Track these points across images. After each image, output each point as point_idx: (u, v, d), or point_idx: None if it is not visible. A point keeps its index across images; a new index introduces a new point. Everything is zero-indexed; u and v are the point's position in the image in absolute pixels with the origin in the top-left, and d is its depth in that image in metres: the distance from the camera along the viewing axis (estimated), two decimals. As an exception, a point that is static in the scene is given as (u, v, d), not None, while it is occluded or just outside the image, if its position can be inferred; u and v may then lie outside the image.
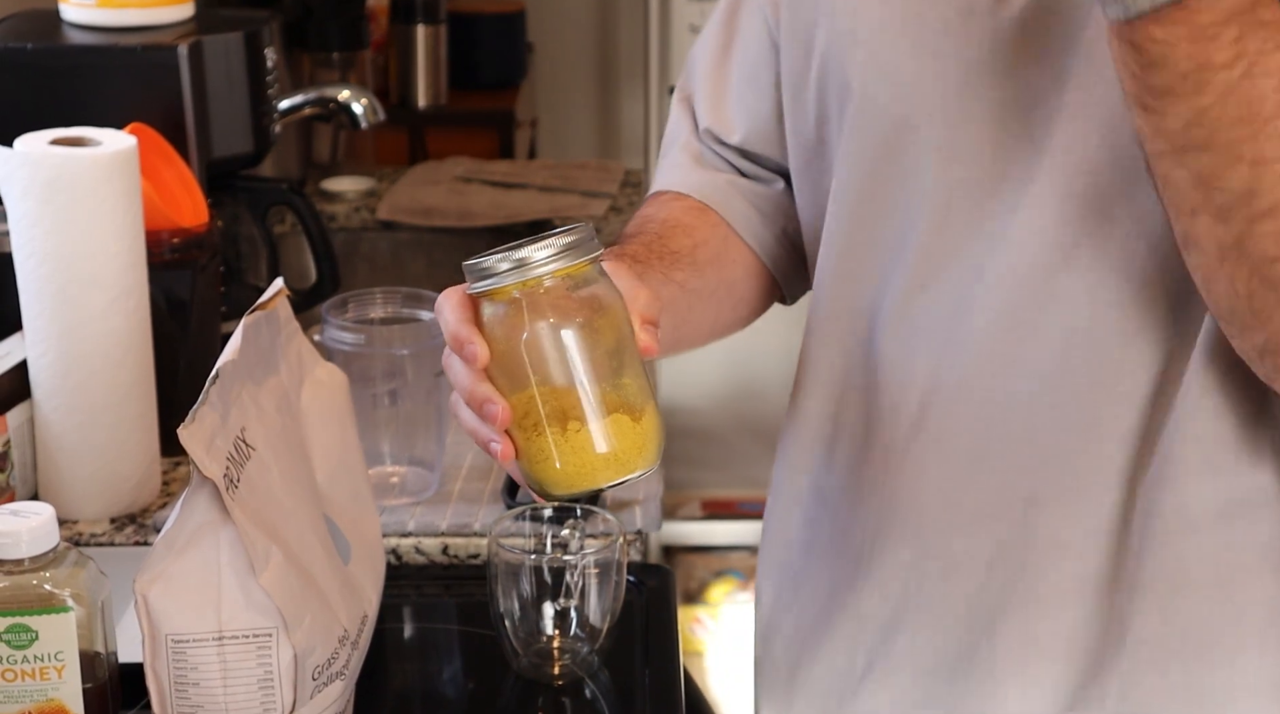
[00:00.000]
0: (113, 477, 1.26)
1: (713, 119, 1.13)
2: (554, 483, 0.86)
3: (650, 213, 1.13)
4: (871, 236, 1.00)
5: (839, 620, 1.06)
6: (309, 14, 2.47)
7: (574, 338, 0.84)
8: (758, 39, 1.09)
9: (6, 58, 1.48)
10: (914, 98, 0.95)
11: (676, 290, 1.04)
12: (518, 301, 0.84)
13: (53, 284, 1.21)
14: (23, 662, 0.94)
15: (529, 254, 0.83)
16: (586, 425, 0.84)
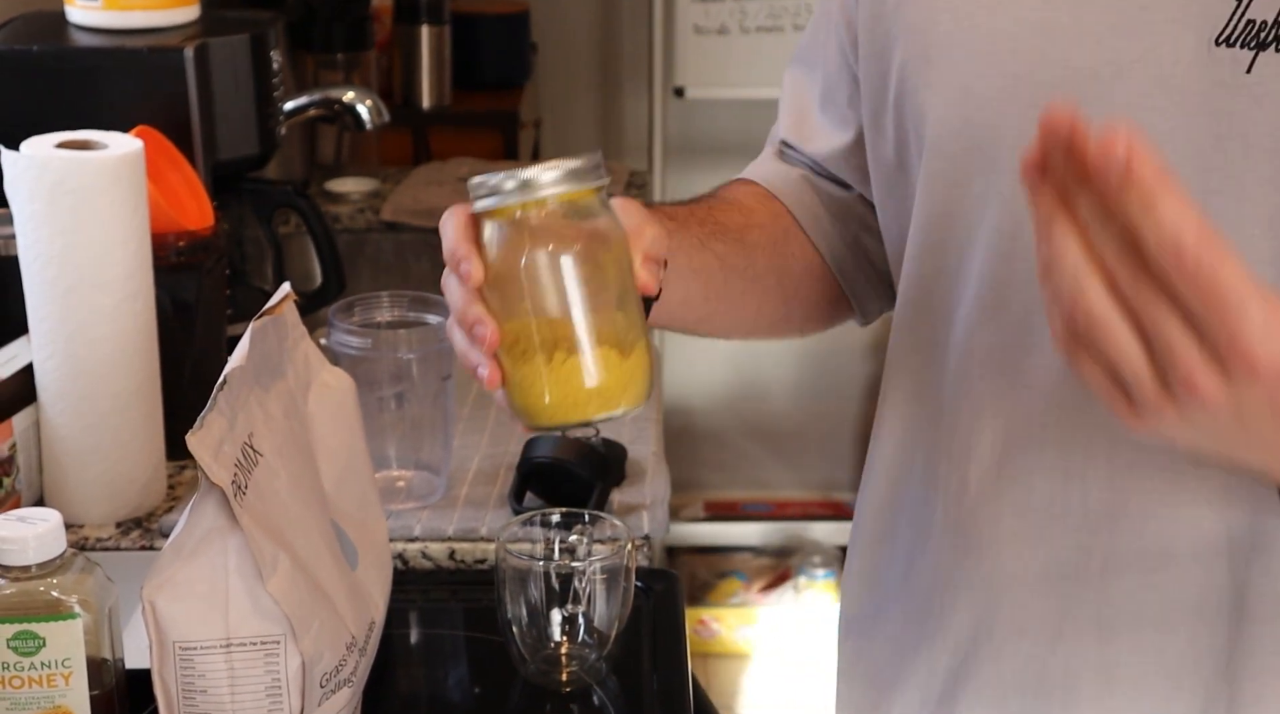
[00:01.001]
0: (118, 480, 1.27)
1: (792, 132, 1.14)
2: (538, 412, 0.86)
3: (719, 192, 1.13)
4: (944, 265, 0.99)
5: (911, 670, 1.05)
6: (313, 15, 2.47)
7: (571, 265, 0.84)
8: (834, 59, 1.09)
9: (12, 60, 1.49)
10: (987, 120, 0.94)
11: (712, 259, 1.04)
12: (518, 223, 0.84)
13: (59, 287, 1.21)
14: (30, 669, 0.94)
15: (534, 176, 0.83)
16: (575, 356, 0.85)
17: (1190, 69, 0.86)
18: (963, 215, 0.97)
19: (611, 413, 0.86)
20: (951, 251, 0.98)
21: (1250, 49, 0.84)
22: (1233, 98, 0.85)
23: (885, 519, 1.11)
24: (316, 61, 2.49)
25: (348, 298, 1.31)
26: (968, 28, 0.95)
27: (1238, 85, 0.84)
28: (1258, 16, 0.83)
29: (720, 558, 3.31)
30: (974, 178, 0.95)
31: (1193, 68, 0.86)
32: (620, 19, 3.28)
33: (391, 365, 1.28)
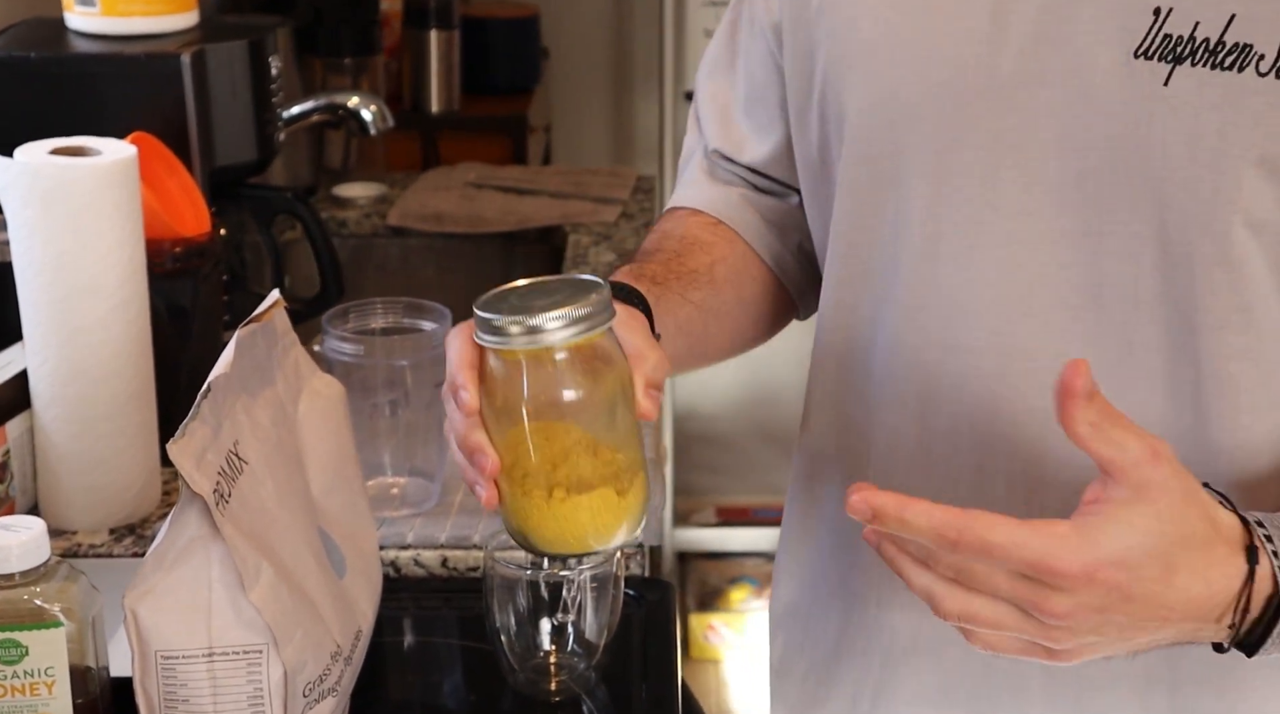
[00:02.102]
0: (112, 487, 1.26)
1: (721, 140, 1.14)
2: (536, 542, 0.87)
3: (668, 229, 1.14)
4: (866, 265, 1.00)
5: (846, 661, 1.07)
6: (320, 19, 2.48)
7: (573, 409, 0.84)
8: (762, 62, 1.09)
9: (10, 66, 1.49)
10: (906, 124, 0.95)
11: (694, 310, 1.05)
12: (522, 364, 0.84)
13: (52, 294, 1.21)
14: (12, 677, 0.94)
15: (540, 323, 0.82)
16: (574, 496, 0.85)
17: (1110, 80, 0.88)
18: (883, 218, 0.98)
19: (606, 547, 0.88)
20: (874, 253, 1.00)
21: (1167, 62, 0.86)
22: (1151, 108, 0.86)
23: (810, 520, 1.12)
24: (324, 66, 2.49)
25: (342, 304, 1.31)
26: (888, 33, 0.96)
27: (1156, 97, 0.86)
28: (1175, 31, 0.85)
29: (731, 563, 3.31)
30: (894, 181, 0.97)
31: (1112, 79, 0.87)
32: (631, 23, 3.29)
33: (385, 372, 1.27)
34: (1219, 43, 0.84)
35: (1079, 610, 0.75)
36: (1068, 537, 0.75)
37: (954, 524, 0.74)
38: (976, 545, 0.74)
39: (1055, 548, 0.74)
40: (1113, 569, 0.74)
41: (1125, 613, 0.76)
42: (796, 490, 1.14)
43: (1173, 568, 0.76)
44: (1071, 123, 0.89)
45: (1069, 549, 0.74)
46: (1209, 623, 0.78)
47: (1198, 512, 0.77)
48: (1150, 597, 0.76)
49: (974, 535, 0.74)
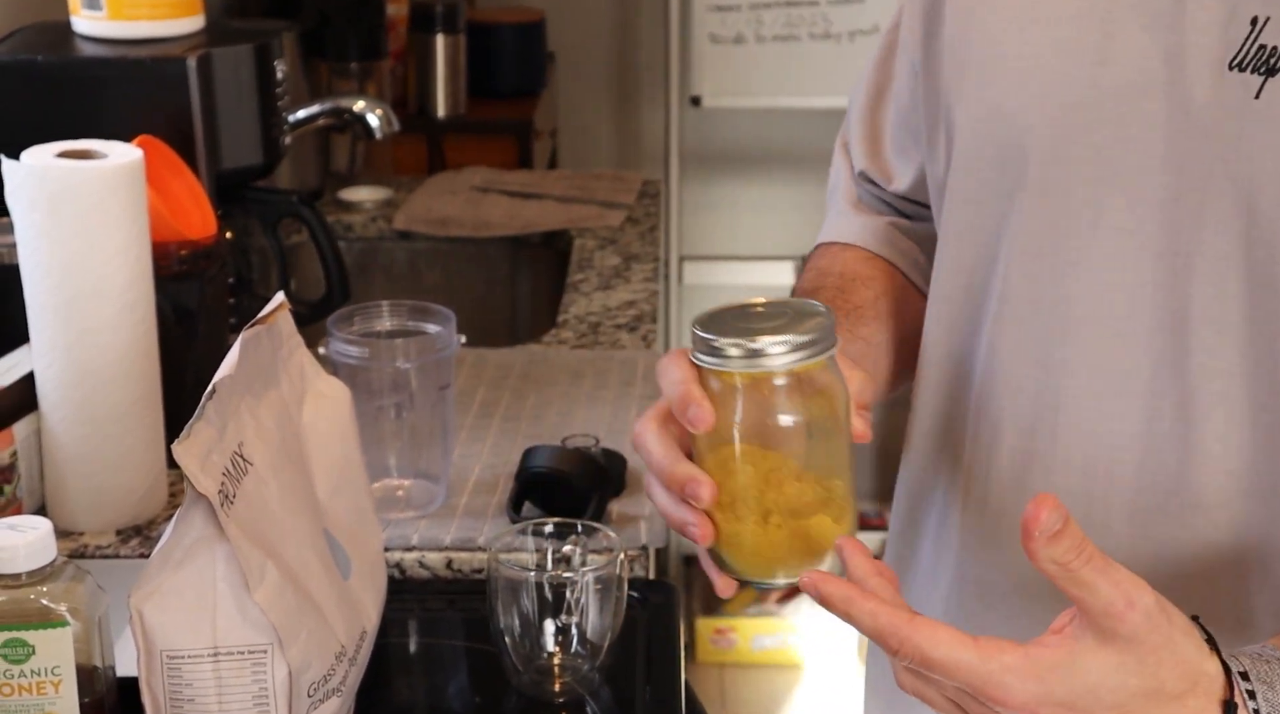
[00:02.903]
0: (119, 489, 1.27)
1: (869, 163, 1.14)
2: (748, 570, 0.85)
3: (824, 266, 1.12)
4: (970, 279, 1.00)
5: None
6: (327, 23, 2.49)
7: (791, 436, 0.83)
8: (909, 86, 1.09)
9: (17, 69, 1.50)
10: (1011, 137, 0.94)
11: (864, 346, 1.04)
12: (742, 388, 0.82)
13: (59, 296, 1.21)
14: (19, 676, 0.94)
15: (764, 346, 0.81)
16: (791, 522, 0.83)
17: (1206, 93, 0.86)
18: (987, 233, 0.97)
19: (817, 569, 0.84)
20: (978, 267, 0.99)
21: (1260, 74, 0.84)
22: (1242, 123, 0.85)
23: (910, 542, 1.11)
24: (330, 70, 2.51)
25: (347, 307, 1.31)
26: (997, 48, 0.96)
27: (1247, 111, 0.85)
28: (1270, 42, 0.84)
29: (737, 568, 3.31)
30: (999, 196, 0.96)
31: (1209, 91, 0.86)
32: (637, 28, 3.30)
33: (390, 375, 1.27)
34: None
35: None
36: (1014, 668, 0.72)
37: (897, 633, 0.73)
38: (917, 658, 0.73)
39: (999, 677, 0.72)
40: (1058, 709, 0.72)
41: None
42: (900, 511, 1.13)
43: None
44: (1172, 137, 0.88)
45: (1014, 680, 0.72)
46: None
47: (1171, 664, 0.74)
48: None
49: (914, 648, 0.73)
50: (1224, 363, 0.88)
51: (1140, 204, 0.89)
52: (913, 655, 0.73)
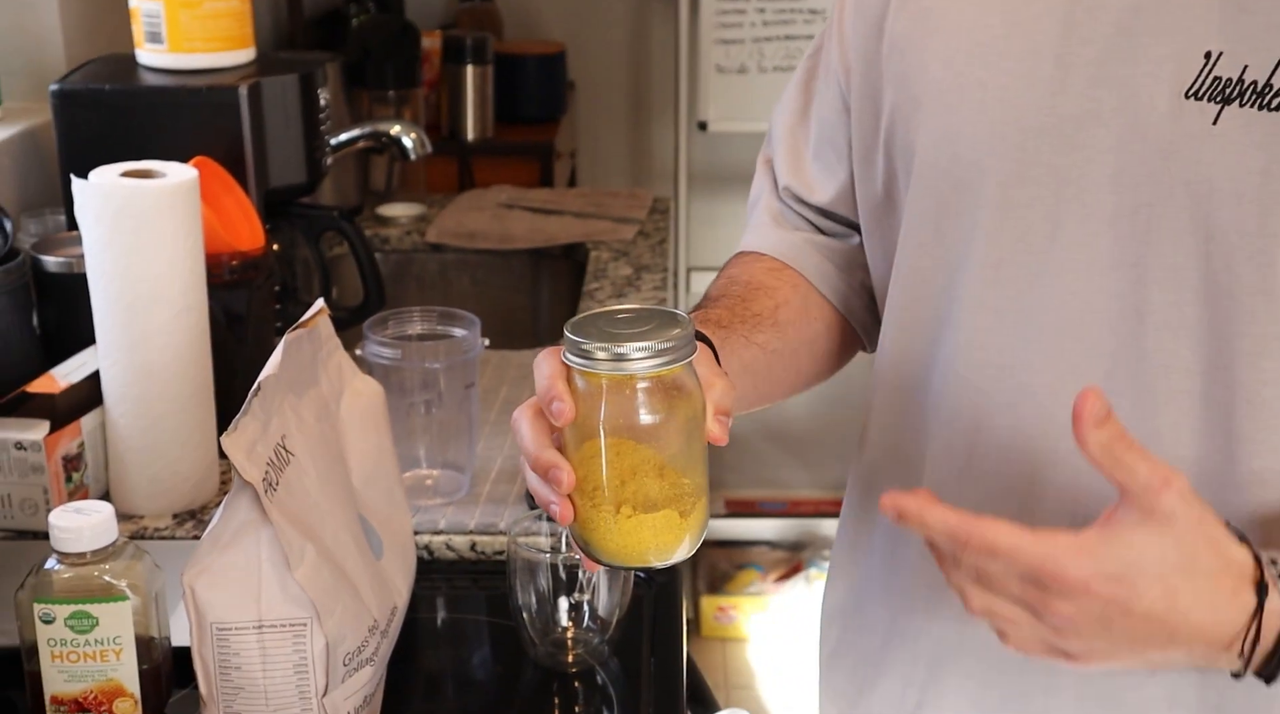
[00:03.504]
0: (175, 477, 1.27)
1: (792, 178, 1.12)
2: (601, 554, 0.85)
3: (734, 274, 1.11)
4: (929, 290, 0.99)
5: (893, 659, 1.05)
6: (368, 55, 2.49)
7: (647, 432, 0.83)
8: (832, 106, 1.08)
9: (87, 97, 1.50)
10: (972, 159, 0.94)
11: (758, 352, 1.03)
12: (605, 387, 0.82)
13: (121, 302, 1.22)
14: (85, 645, 0.95)
15: (627, 351, 0.81)
16: (640, 514, 0.83)
17: (1163, 119, 0.85)
18: (948, 246, 0.96)
19: (665, 563, 0.85)
20: (937, 280, 0.98)
21: (1217, 103, 0.83)
22: (1200, 147, 0.84)
23: (864, 529, 1.10)
24: (370, 97, 2.51)
25: (382, 313, 1.31)
26: (956, 77, 0.94)
27: (1205, 135, 0.84)
28: (1224, 74, 0.83)
29: (739, 551, 3.31)
30: (960, 212, 0.95)
31: (1165, 118, 0.85)
32: (649, 59, 3.29)
33: (421, 374, 1.28)
34: (1266, 85, 0.82)
35: (1080, 616, 0.74)
36: (1067, 547, 0.74)
37: (964, 527, 0.75)
38: (982, 547, 0.74)
39: (1054, 554, 0.73)
40: (1109, 583, 0.73)
41: (1126, 627, 0.75)
42: (853, 500, 1.12)
43: (1174, 591, 0.74)
44: (1127, 160, 0.87)
45: (1067, 557, 0.73)
46: (1219, 649, 0.76)
47: (1206, 542, 0.75)
48: (1151, 615, 0.74)
49: (980, 537, 0.74)
50: (1180, 362, 0.87)
51: (1094, 220, 0.88)
52: (979, 545, 0.74)
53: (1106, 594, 0.73)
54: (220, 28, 1.53)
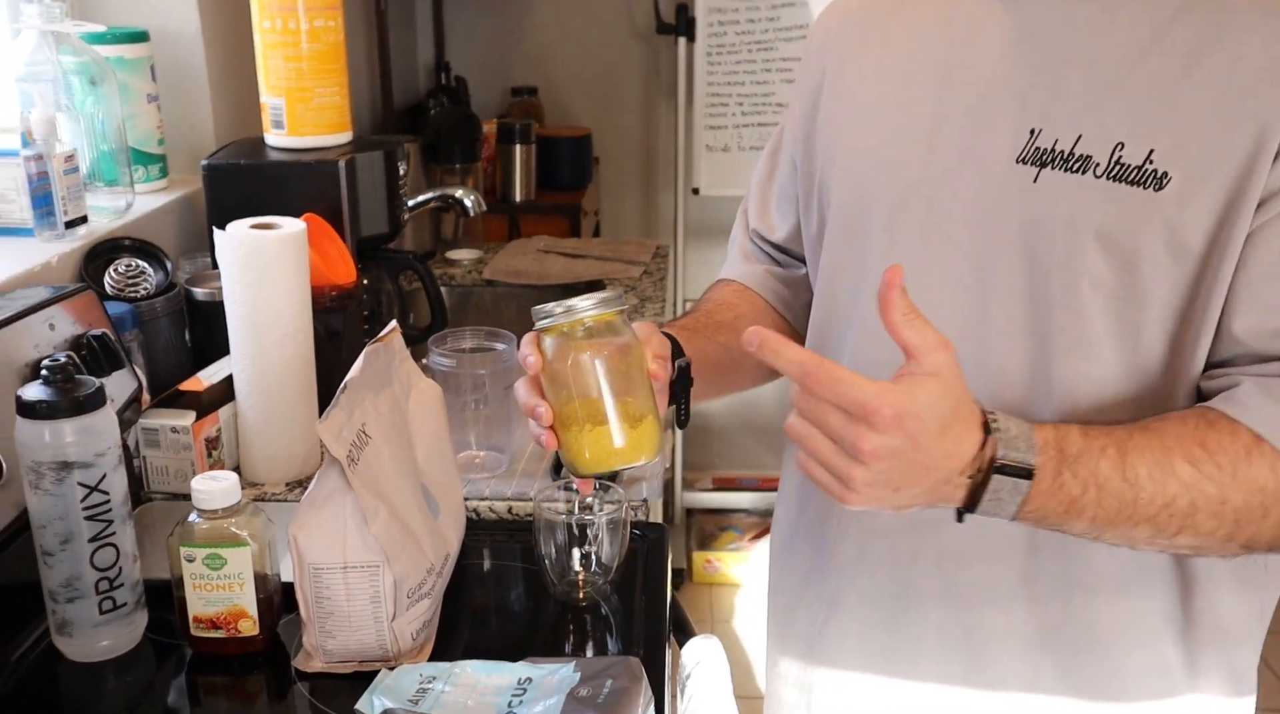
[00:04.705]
0: (287, 454, 1.28)
1: (759, 222, 1.14)
2: (580, 464, 0.87)
3: (710, 295, 1.13)
4: (840, 298, 0.99)
5: (809, 594, 1.06)
6: (440, 137, 2.50)
7: (600, 364, 0.84)
8: (788, 168, 1.09)
9: (227, 169, 1.51)
10: (870, 200, 0.94)
11: (720, 350, 1.04)
12: (565, 336, 0.84)
13: (249, 323, 1.23)
14: (217, 578, 0.96)
15: (574, 304, 0.84)
16: (602, 426, 0.85)
17: (1001, 176, 0.86)
18: (853, 265, 0.97)
19: (631, 465, 0.86)
20: (845, 289, 0.98)
21: (1037, 166, 0.85)
22: (1026, 198, 0.85)
23: (791, 489, 1.11)
24: (441, 168, 2.51)
25: (441, 332, 1.31)
26: (859, 142, 0.96)
27: (1029, 190, 0.85)
28: (1043, 145, 0.84)
29: (723, 516, 3.31)
30: (861, 240, 0.96)
31: (1002, 176, 0.86)
32: (656, 140, 3.29)
33: (471, 379, 1.28)
34: (1070, 153, 0.83)
35: (881, 450, 0.72)
36: (890, 389, 0.72)
37: (812, 361, 0.73)
38: (826, 378, 0.72)
39: (881, 393, 0.72)
40: (913, 420, 0.72)
41: (908, 460, 0.73)
42: (787, 466, 1.13)
43: (945, 429, 0.74)
44: (976, 207, 0.88)
45: (890, 396, 0.72)
46: (955, 475, 0.75)
47: (960, 393, 0.75)
48: (929, 448, 0.73)
49: (825, 371, 0.73)
50: (1012, 361, 0.88)
51: (953, 252, 0.89)
52: (823, 377, 0.72)
53: (909, 429, 0.72)
54: (326, 117, 1.54)
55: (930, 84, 0.91)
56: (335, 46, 1.53)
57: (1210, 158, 0.79)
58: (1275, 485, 0.77)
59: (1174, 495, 0.77)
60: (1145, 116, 0.81)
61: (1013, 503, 0.76)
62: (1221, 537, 0.78)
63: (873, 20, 0.99)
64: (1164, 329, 0.83)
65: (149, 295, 1.35)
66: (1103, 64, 0.83)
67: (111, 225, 1.44)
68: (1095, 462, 0.77)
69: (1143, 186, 0.80)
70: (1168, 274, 0.82)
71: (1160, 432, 0.79)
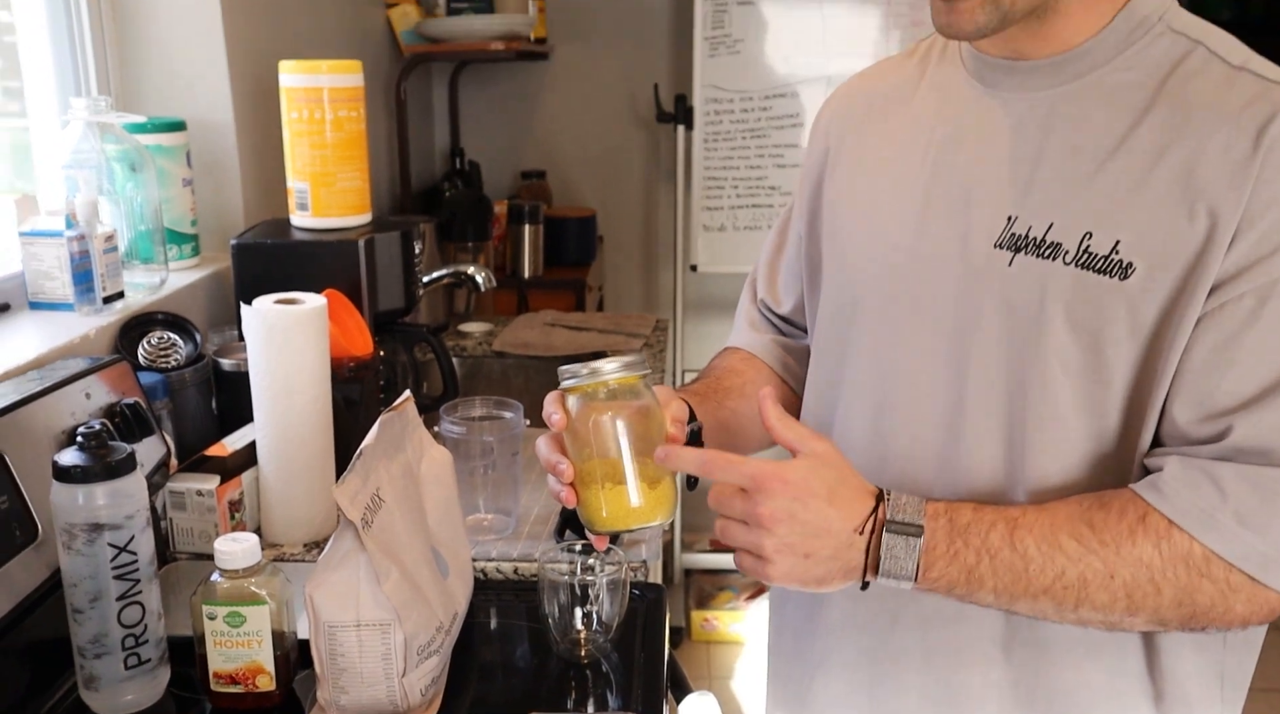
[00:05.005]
0: (306, 517, 1.27)
1: (767, 294, 1.15)
2: (598, 522, 0.86)
3: (717, 362, 1.14)
4: (834, 364, 1.00)
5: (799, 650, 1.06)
6: (455, 217, 2.52)
7: (621, 426, 0.84)
8: (795, 245, 1.11)
9: (255, 248, 1.52)
10: (861, 281, 0.96)
11: (729, 414, 1.05)
12: (589, 396, 0.84)
13: (271, 391, 1.23)
14: (237, 635, 0.95)
15: (599, 366, 0.83)
16: (621, 486, 0.84)
17: (981, 261, 0.88)
18: (845, 337, 0.98)
19: (647, 525, 0.86)
20: (838, 359, 1.00)
21: (1011, 251, 0.86)
22: (1002, 282, 0.87)
23: None
24: (455, 246, 2.53)
25: (452, 401, 1.31)
26: (855, 223, 0.98)
27: (1005, 274, 0.87)
28: (1018, 231, 0.86)
29: (720, 577, 3.28)
30: (852, 317, 0.97)
31: (982, 260, 0.88)
32: (656, 220, 3.31)
33: (480, 445, 1.27)
34: (1042, 241, 0.84)
35: (777, 513, 0.78)
36: (777, 463, 0.79)
37: (709, 454, 0.80)
38: (723, 463, 0.80)
39: (767, 465, 0.78)
40: (798, 485, 0.78)
41: (804, 521, 0.78)
42: None
43: (833, 493, 0.78)
44: (959, 287, 0.89)
45: (775, 467, 0.78)
46: (853, 535, 0.79)
47: (843, 467, 0.81)
48: (820, 511, 0.78)
49: (722, 458, 0.80)
50: (987, 433, 0.89)
51: (936, 329, 0.91)
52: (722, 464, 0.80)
53: (795, 493, 0.77)
54: (347, 200, 1.55)
55: (921, 173, 0.93)
56: (357, 135, 1.55)
57: (1170, 249, 0.80)
58: (1161, 563, 0.78)
59: (1062, 568, 0.79)
60: (1112, 210, 0.82)
61: (909, 561, 0.79)
62: (1122, 610, 0.80)
63: (872, 111, 1.01)
64: (1125, 407, 0.84)
65: (179, 366, 1.36)
66: (1075, 160, 0.85)
67: (146, 300, 1.46)
68: (985, 532, 0.79)
69: (1109, 274, 0.82)
70: (1129, 356, 0.83)
71: (1051, 510, 0.81)
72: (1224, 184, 0.79)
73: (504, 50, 2.55)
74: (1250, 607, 0.79)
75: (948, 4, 0.84)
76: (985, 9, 0.83)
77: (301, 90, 1.52)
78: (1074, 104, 0.86)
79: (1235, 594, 0.79)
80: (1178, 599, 0.79)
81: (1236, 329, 0.79)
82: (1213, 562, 0.78)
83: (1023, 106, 0.88)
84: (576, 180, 3.26)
